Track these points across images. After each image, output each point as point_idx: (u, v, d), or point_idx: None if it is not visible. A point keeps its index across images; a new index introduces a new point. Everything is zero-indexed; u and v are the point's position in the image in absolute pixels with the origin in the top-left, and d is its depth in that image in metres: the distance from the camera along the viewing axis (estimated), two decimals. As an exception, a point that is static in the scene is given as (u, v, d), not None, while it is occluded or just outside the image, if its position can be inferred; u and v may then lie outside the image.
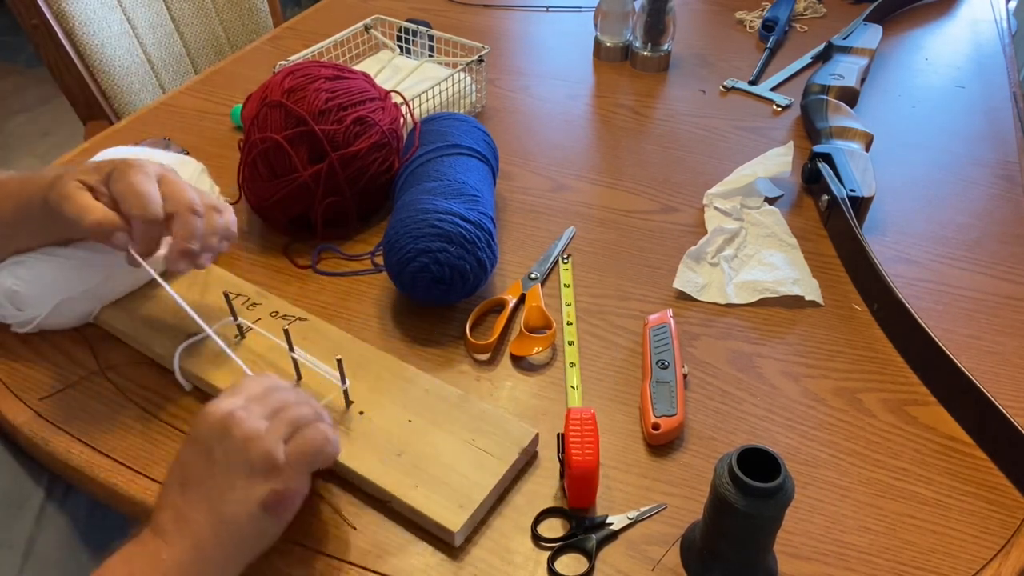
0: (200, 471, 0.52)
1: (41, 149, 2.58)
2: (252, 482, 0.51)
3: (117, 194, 0.60)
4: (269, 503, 0.51)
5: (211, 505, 0.51)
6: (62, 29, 1.20)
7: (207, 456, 0.52)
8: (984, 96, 1.14)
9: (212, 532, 0.51)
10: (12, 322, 0.71)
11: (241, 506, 0.51)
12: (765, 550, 0.55)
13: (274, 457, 0.51)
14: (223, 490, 0.51)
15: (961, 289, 0.81)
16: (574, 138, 1.04)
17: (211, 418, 0.53)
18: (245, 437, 0.52)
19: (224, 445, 0.52)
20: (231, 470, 0.51)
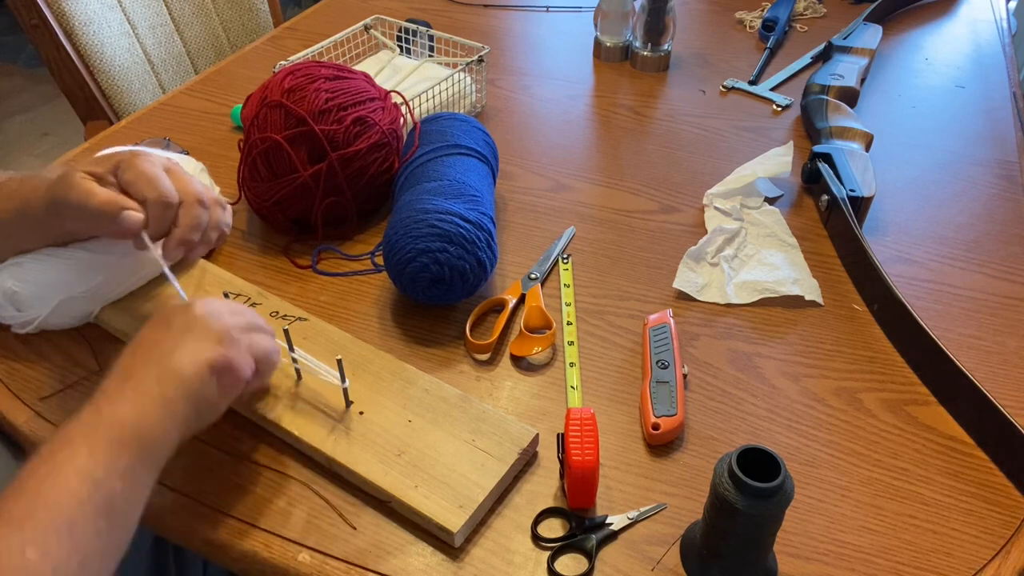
0: (154, 337, 0.54)
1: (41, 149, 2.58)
2: (204, 344, 0.54)
3: (128, 182, 0.62)
4: (217, 363, 0.53)
5: (160, 358, 0.52)
6: (62, 29, 1.20)
7: (165, 326, 0.55)
8: (984, 96, 1.14)
9: (156, 382, 0.51)
10: (12, 323, 0.71)
11: (189, 359, 0.53)
12: (765, 550, 0.55)
13: (231, 331, 0.55)
14: (175, 347, 0.53)
15: (961, 289, 0.81)
16: (574, 138, 1.04)
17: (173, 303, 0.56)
18: (207, 312, 0.55)
19: (184, 317, 0.55)
20: (185, 333, 0.54)
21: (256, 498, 0.61)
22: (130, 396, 0.50)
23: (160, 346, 0.53)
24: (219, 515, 0.60)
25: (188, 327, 0.54)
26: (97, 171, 0.62)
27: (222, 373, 0.54)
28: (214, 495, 0.61)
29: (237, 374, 0.55)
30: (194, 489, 0.61)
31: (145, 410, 0.50)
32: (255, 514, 0.60)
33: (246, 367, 0.56)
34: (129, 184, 0.62)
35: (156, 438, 0.50)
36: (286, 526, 0.59)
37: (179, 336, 0.54)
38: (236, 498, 0.60)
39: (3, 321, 0.71)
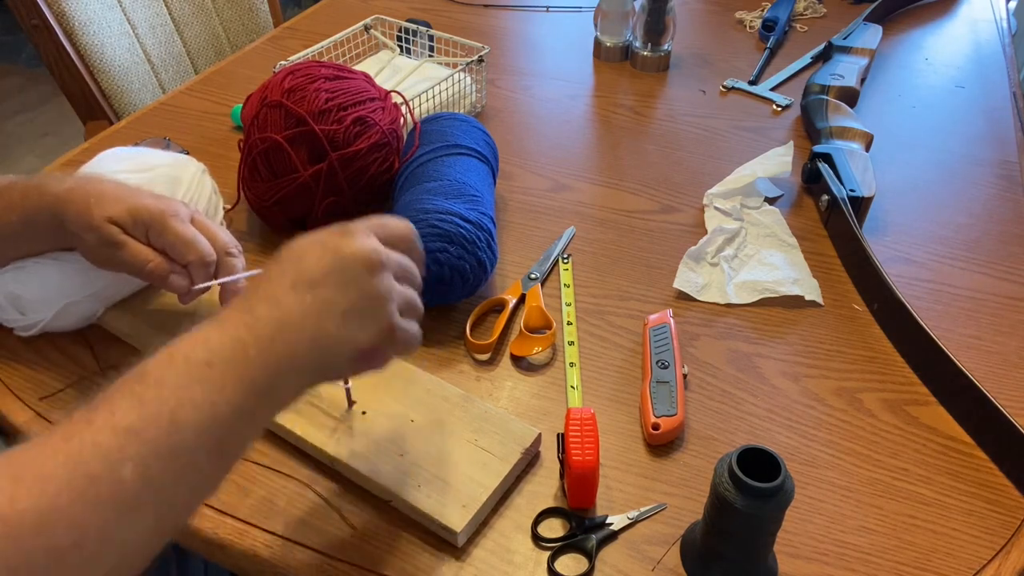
0: (323, 280, 0.50)
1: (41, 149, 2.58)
2: (367, 328, 0.51)
3: (166, 245, 0.64)
4: (367, 353, 0.52)
5: (319, 322, 0.49)
6: (62, 29, 1.20)
7: (338, 273, 0.50)
8: (984, 96, 1.14)
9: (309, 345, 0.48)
10: (16, 326, 0.71)
11: (347, 339, 0.50)
12: (765, 550, 0.55)
13: (394, 322, 0.52)
14: (339, 318, 0.49)
15: (961, 289, 0.81)
16: (574, 138, 1.04)
17: (357, 244, 0.51)
18: (386, 290, 0.51)
19: (360, 285, 0.51)
20: (357, 310, 0.50)
21: (256, 498, 0.61)
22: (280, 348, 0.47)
23: (326, 308, 0.49)
24: (219, 515, 0.60)
25: (360, 305, 0.50)
26: (122, 222, 0.63)
27: (364, 359, 0.53)
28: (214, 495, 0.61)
29: (377, 363, 0.55)
30: (194, 489, 0.61)
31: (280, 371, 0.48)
32: (255, 514, 0.60)
33: (386, 362, 0.55)
34: (168, 247, 0.64)
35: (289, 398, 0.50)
36: (286, 526, 0.59)
37: (349, 310, 0.50)
38: (236, 498, 0.61)
39: (6, 324, 0.71)
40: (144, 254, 0.64)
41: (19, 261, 0.69)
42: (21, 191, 0.66)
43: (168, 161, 0.78)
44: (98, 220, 0.63)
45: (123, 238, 0.63)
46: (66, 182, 0.65)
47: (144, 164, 0.77)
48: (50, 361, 0.71)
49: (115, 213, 0.63)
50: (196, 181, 0.78)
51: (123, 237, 0.63)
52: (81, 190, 0.64)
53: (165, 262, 0.64)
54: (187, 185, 0.77)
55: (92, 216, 0.63)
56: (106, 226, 0.63)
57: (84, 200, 0.63)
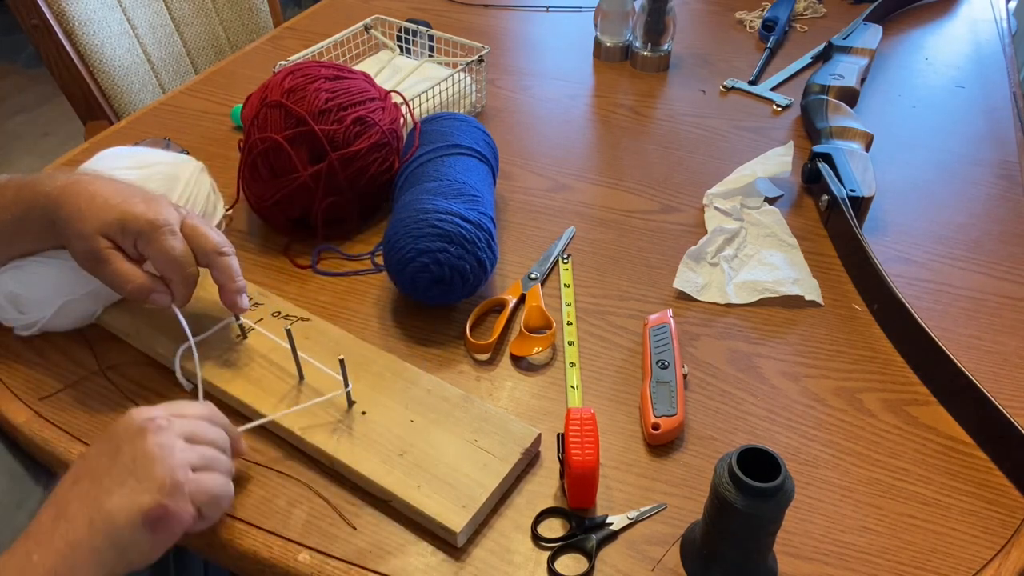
0: (99, 467, 0.51)
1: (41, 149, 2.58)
2: (143, 488, 0.50)
3: (151, 259, 0.64)
4: (152, 515, 0.50)
5: (96, 498, 0.50)
6: (62, 29, 1.20)
7: (113, 455, 0.51)
8: (984, 96, 1.14)
9: (87, 529, 0.49)
10: (15, 325, 0.71)
11: (124, 506, 0.50)
12: (765, 550, 0.55)
13: (176, 476, 0.51)
14: (113, 487, 0.50)
15: (961, 289, 0.81)
16: (574, 138, 1.04)
17: (130, 420, 0.53)
18: (157, 445, 0.51)
19: (133, 447, 0.51)
20: (129, 472, 0.51)
21: (256, 498, 0.61)
22: (60, 545, 0.49)
23: (100, 484, 0.51)
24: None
25: (132, 466, 0.51)
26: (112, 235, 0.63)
27: (156, 523, 0.50)
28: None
29: (172, 525, 0.51)
30: (194, 489, 0.61)
31: (74, 563, 0.49)
32: (255, 514, 0.60)
33: (185, 516, 0.52)
34: (153, 261, 0.64)
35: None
36: (286, 526, 0.59)
37: (120, 475, 0.51)
38: (236, 498, 0.60)
39: (6, 323, 0.71)
40: (126, 274, 0.63)
41: (17, 260, 0.69)
42: (15, 189, 0.66)
43: (167, 159, 0.78)
44: (89, 230, 0.62)
45: (108, 255, 0.63)
46: (59, 180, 0.64)
47: (142, 162, 0.77)
48: (50, 361, 0.71)
49: (106, 221, 0.62)
50: (194, 180, 0.78)
51: (108, 254, 0.63)
52: (73, 191, 0.63)
53: (147, 281, 0.64)
54: (185, 183, 0.76)
55: (84, 225, 0.62)
56: (95, 239, 0.62)
57: (75, 203, 0.63)
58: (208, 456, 0.54)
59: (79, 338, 0.73)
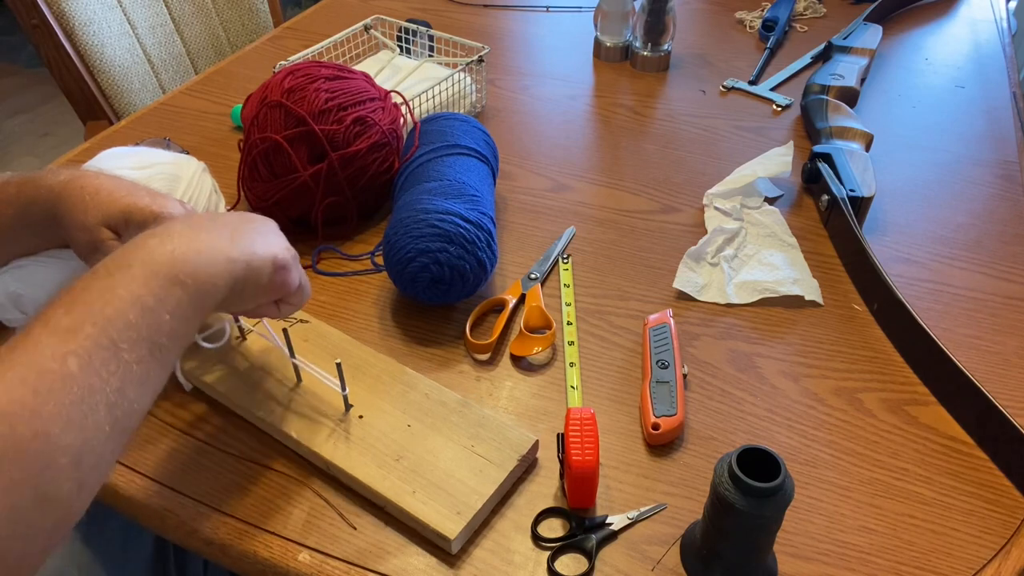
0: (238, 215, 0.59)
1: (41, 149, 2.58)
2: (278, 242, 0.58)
3: None
4: (280, 260, 0.57)
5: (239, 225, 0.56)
6: (62, 29, 1.20)
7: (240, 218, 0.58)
8: (984, 96, 1.14)
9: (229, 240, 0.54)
10: (16, 325, 0.71)
11: (263, 240, 0.57)
12: (765, 550, 0.55)
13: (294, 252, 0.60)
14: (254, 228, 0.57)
15: (961, 289, 0.81)
16: (574, 138, 1.04)
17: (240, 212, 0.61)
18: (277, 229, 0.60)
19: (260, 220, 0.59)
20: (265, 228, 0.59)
21: (256, 498, 0.61)
22: (198, 244, 0.52)
23: (243, 220, 0.58)
24: (219, 515, 0.60)
25: (267, 226, 0.59)
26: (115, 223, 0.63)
27: (278, 271, 0.57)
28: (214, 495, 0.61)
29: (287, 280, 0.58)
30: (194, 489, 0.61)
31: (210, 260, 0.52)
32: (255, 514, 0.60)
33: (295, 280, 0.59)
34: None
35: (211, 289, 0.52)
36: (286, 526, 0.59)
37: (260, 225, 0.58)
38: (236, 498, 0.61)
39: (8, 324, 0.71)
40: None
41: (19, 260, 0.69)
42: (17, 186, 0.65)
43: (168, 159, 0.78)
44: (92, 222, 0.62)
45: (111, 245, 0.62)
46: (61, 175, 0.64)
47: (144, 162, 0.77)
48: (50, 361, 0.71)
49: (110, 213, 0.62)
50: (196, 179, 0.78)
51: (111, 244, 0.62)
52: (77, 184, 0.63)
53: None
54: (187, 183, 0.76)
55: (87, 216, 0.62)
56: (98, 229, 0.62)
57: (79, 196, 0.62)
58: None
59: (79, 338, 0.73)
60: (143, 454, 0.64)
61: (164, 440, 0.65)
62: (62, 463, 0.41)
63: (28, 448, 0.40)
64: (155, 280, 0.48)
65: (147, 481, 0.62)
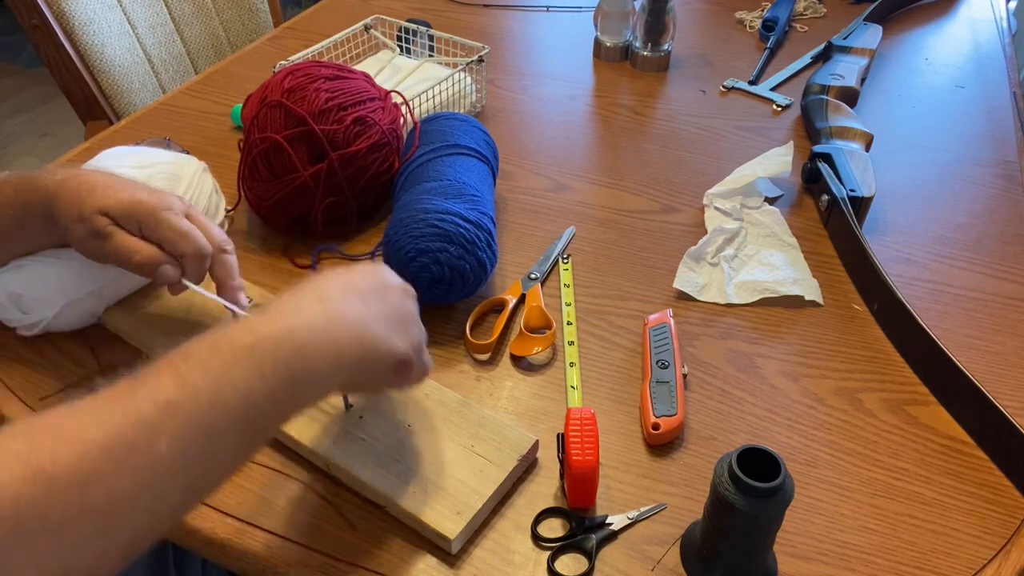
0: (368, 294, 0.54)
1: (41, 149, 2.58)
2: (404, 338, 0.54)
3: (161, 239, 0.63)
4: (402, 362, 0.54)
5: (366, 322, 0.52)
6: (62, 29, 1.20)
7: (381, 292, 0.55)
8: (984, 96, 1.14)
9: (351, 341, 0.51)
10: (17, 325, 0.71)
11: (388, 341, 0.53)
12: (765, 550, 0.55)
13: (421, 342, 0.57)
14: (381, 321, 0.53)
15: (961, 289, 0.81)
16: (574, 138, 1.04)
17: (386, 275, 0.57)
18: (413, 311, 0.57)
19: (398, 299, 0.56)
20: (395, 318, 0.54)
21: (256, 498, 0.61)
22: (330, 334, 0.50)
23: (370, 310, 0.53)
24: (219, 514, 0.60)
25: (396, 314, 0.55)
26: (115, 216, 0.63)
27: (396, 371, 0.54)
28: (214, 495, 0.61)
29: (404, 381, 0.56)
30: (194, 489, 0.61)
31: (333, 361, 0.50)
32: (255, 514, 0.60)
33: (414, 376, 0.57)
34: (164, 241, 0.63)
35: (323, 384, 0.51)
36: (286, 526, 0.59)
37: (388, 315, 0.54)
38: (236, 497, 0.61)
39: (9, 324, 0.71)
40: (132, 245, 0.63)
41: (19, 260, 0.69)
42: (14, 186, 0.66)
43: (169, 159, 0.79)
44: (88, 211, 0.62)
45: (111, 229, 0.62)
46: (58, 174, 0.64)
47: (145, 161, 0.77)
48: (50, 361, 0.71)
49: (107, 205, 0.62)
50: (197, 179, 0.78)
51: (111, 228, 0.62)
52: (73, 182, 0.63)
53: (155, 253, 0.63)
54: (187, 183, 0.77)
55: (83, 207, 0.62)
56: (95, 217, 0.62)
57: (76, 192, 0.63)
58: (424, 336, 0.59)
59: (79, 338, 0.73)
60: (143, 454, 0.64)
61: (164, 440, 0.65)
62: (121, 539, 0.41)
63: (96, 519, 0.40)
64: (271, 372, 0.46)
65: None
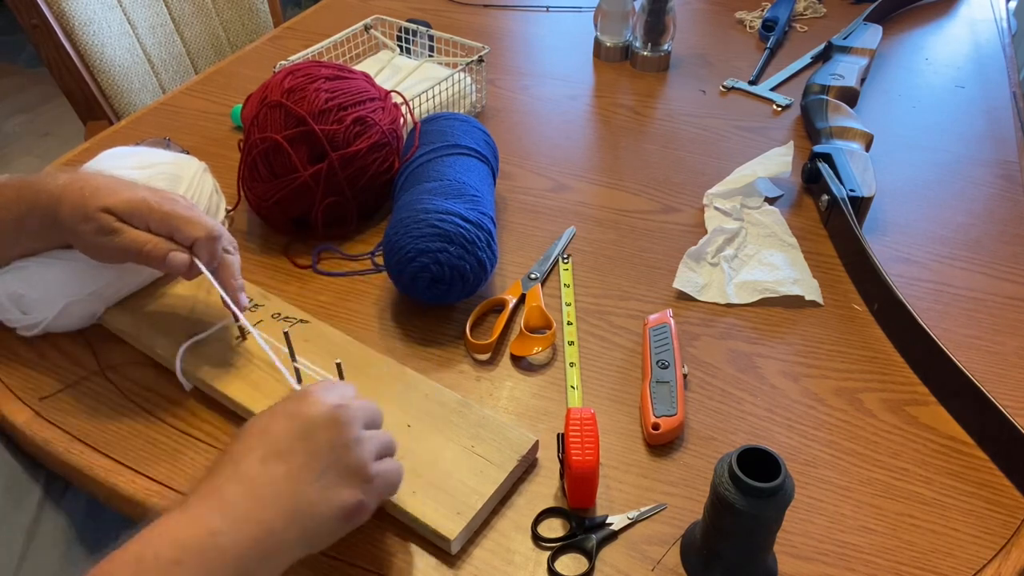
0: (292, 451, 0.49)
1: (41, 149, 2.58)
2: (344, 484, 0.50)
3: (171, 229, 0.63)
4: (353, 511, 0.50)
5: (295, 490, 0.48)
6: (62, 29, 1.20)
7: (306, 439, 0.50)
8: (984, 96, 1.14)
9: (284, 521, 0.47)
10: (18, 326, 0.71)
11: (326, 500, 0.49)
12: (765, 550, 0.55)
13: (370, 471, 0.51)
14: (312, 478, 0.49)
15: (961, 289, 0.81)
16: (574, 138, 1.04)
17: (318, 403, 0.51)
18: (353, 439, 0.51)
19: (329, 437, 0.50)
20: (328, 464, 0.49)
21: (256, 498, 0.61)
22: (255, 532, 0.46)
23: (297, 471, 0.49)
24: (219, 515, 0.59)
25: (330, 459, 0.50)
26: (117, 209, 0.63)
27: (352, 516, 0.51)
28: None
29: (364, 516, 0.52)
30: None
31: (266, 551, 0.47)
32: (255, 514, 0.60)
33: (374, 506, 0.52)
34: (174, 230, 0.63)
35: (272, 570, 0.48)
36: (286, 526, 0.59)
37: (319, 467, 0.49)
38: (236, 498, 0.60)
39: (9, 324, 0.71)
40: (141, 236, 0.63)
41: (20, 261, 0.69)
42: (15, 189, 0.66)
43: (169, 159, 0.79)
44: (93, 210, 0.62)
45: (119, 225, 0.63)
46: (60, 178, 0.65)
47: (146, 162, 0.77)
48: (50, 361, 0.71)
49: (111, 203, 0.62)
50: (197, 179, 0.78)
51: (119, 224, 0.63)
52: (76, 184, 0.64)
53: (164, 241, 0.63)
54: (188, 183, 0.77)
55: (87, 206, 0.62)
56: (100, 215, 0.62)
57: (79, 193, 0.63)
58: (385, 443, 0.54)
59: (79, 338, 0.73)
60: (143, 455, 0.64)
61: (164, 441, 0.65)
62: None
63: None
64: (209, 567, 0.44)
65: (146, 481, 0.62)
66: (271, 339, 0.66)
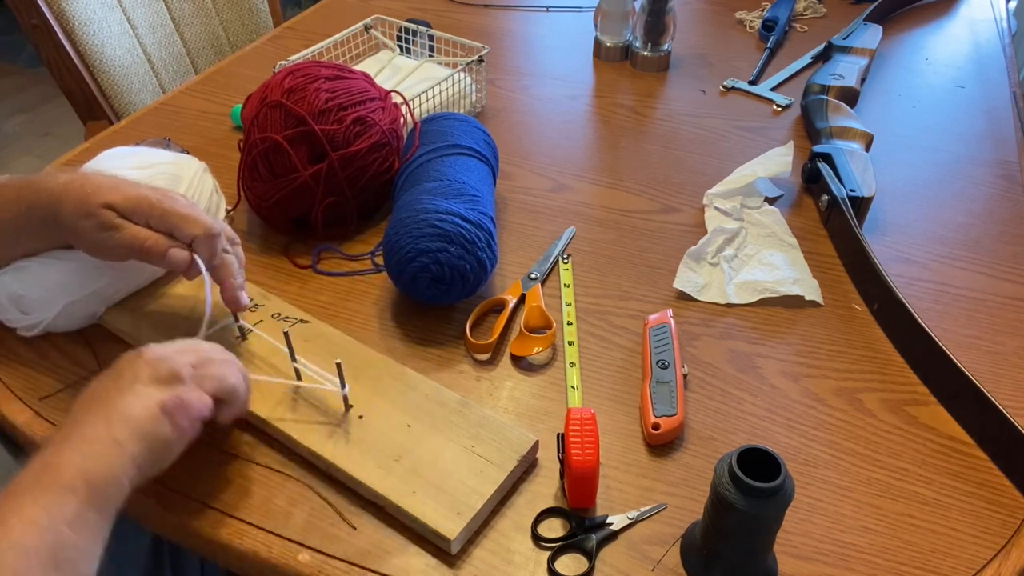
0: (103, 386, 0.53)
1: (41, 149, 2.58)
2: (153, 388, 0.53)
3: (171, 227, 0.64)
4: (168, 403, 0.52)
5: (108, 403, 0.51)
6: (62, 29, 1.20)
7: (115, 376, 0.54)
8: (984, 96, 1.14)
9: (105, 426, 0.50)
10: (18, 326, 0.71)
11: (139, 402, 0.52)
12: (765, 550, 0.55)
13: (179, 371, 0.54)
14: (123, 393, 0.52)
15: (961, 289, 0.81)
16: (574, 138, 1.04)
17: (126, 353, 0.55)
18: (155, 357, 0.54)
19: (133, 365, 0.54)
20: (134, 382, 0.53)
21: (256, 498, 0.61)
22: (77, 442, 0.49)
23: (108, 394, 0.53)
24: (219, 515, 0.60)
25: (136, 375, 0.53)
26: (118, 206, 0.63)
27: (175, 412, 0.53)
28: (214, 495, 0.61)
29: (191, 411, 0.54)
30: (194, 489, 0.61)
31: (93, 453, 0.49)
32: (255, 514, 0.60)
33: (200, 403, 0.55)
34: (173, 228, 0.64)
35: (106, 482, 0.49)
36: (286, 526, 0.59)
37: (128, 384, 0.53)
38: (236, 498, 0.61)
39: (8, 324, 0.71)
40: (142, 233, 0.63)
41: (20, 261, 0.69)
42: (15, 189, 0.66)
43: (169, 159, 0.79)
44: (94, 206, 0.62)
45: (120, 221, 0.63)
46: (61, 178, 0.65)
47: (146, 162, 0.77)
48: (50, 361, 0.71)
49: (112, 199, 0.63)
50: (197, 179, 0.78)
51: (120, 220, 0.63)
52: (77, 183, 0.64)
53: (164, 238, 0.64)
54: (188, 183, 0.77)
55: (89, 202, 0.62)
56: (101, 211, 0.62)
57: (80, 191, 0.63)
58: (207, 354, 0.57)
59: (79, 338, 0.73)
60: (143, 454, 0.64)
61: (164, 440, 0.65)
62: None
63: None
64: (45, 498, 0.46)
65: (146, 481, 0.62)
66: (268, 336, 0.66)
